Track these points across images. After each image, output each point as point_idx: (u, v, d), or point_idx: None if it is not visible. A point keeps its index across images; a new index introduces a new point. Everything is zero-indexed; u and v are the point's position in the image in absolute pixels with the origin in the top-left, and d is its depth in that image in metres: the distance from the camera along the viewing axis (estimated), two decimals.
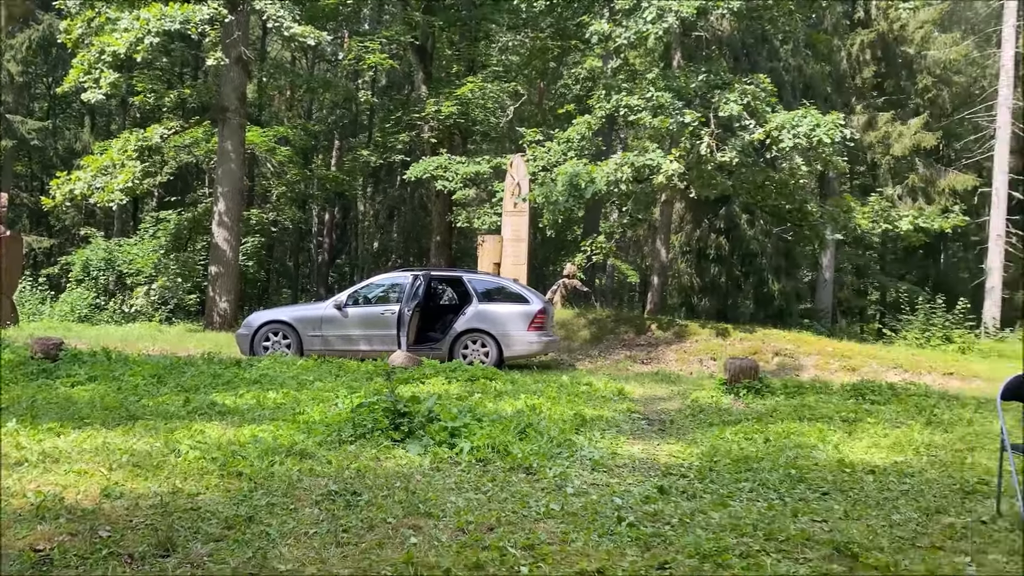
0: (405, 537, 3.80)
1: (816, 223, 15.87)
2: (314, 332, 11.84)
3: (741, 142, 13.88)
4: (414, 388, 8.48)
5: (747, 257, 21.67)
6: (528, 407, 7.54)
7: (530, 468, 5.27)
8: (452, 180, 19.33)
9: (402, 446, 5.60)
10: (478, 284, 12.32)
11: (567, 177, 14.00)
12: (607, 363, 13.59)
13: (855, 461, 5.80)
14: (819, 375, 12.26)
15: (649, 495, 4.70)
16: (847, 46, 22.90)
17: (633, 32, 14.03)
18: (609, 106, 14.60)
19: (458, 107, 19.89)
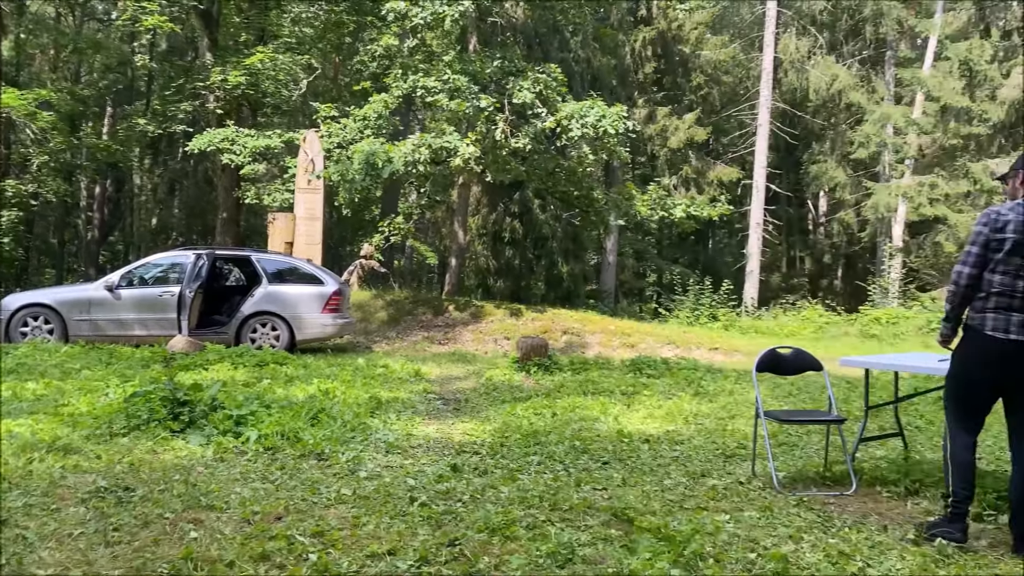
0: (184, 532, 3.59)
1: (601, 209, 16.75)
2: (81, 316, 10.84)
3: (534, 129, 14.32)
4: (196, 375, 8.02)
5: (539, 240, 22.46)
6: (321, 392, 7.37)
7: (322, 454, 5.17)
8: (240, 154, 18.34)
9: (182, 437, 5.28)
10: (268, 264, 11.84)
11: (364, 155, 13.78)
12: (405, 344, 13.58)
13: (632, 431, 6.21)
14: (602, 352, 12.99)
15: (442, 474, 4.76)
16: (631, 42, 24.25)
17: (430, 12, 14.01)
18: (406, 86, 14.52)
19: (247, 77, 18.88)
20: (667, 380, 9.10)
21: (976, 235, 3.77)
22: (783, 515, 4.19)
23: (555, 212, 22.21)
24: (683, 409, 7.20)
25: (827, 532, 3.94)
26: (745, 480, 4.92)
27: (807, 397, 8.19)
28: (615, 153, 15.20)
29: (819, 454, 5.50)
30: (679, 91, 25.59)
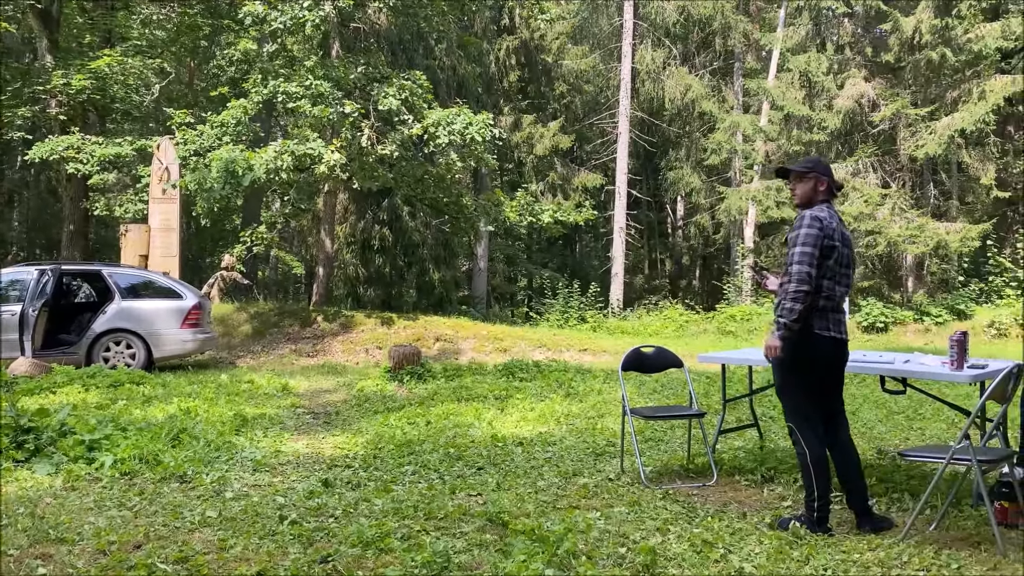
0: (32, 569, 3.34)
1: (471, 215, 16.86)
2: None
3: (400, 136, 14.24)
4: (42, 399, 7.50)
5: (409, 248, 22.33)
6: (182, 411, 7.04)
7: (184, 476, 4.94)
8: (87, 163, 17.25)
9: (27, 467, 4.92)
10: (121, 279, 11.20)
11: (223, 163, 13.27)
12: (271, 358, 13.17)
13: (506, 435, 6.29)
14: (476, 357, 13.07)
15: (313, 490, 4.66)
16: (495, 50, 24.54)
17: (289, 17, 13.69)
18: (266, 91, 14.10)
19: (93, 81, 17.79)
20: (539, 383, 9.25)
21: (815, 238, 3.90)
22: (651, 508, 4.35)
23: (425, 219, 22.17)
24: (555, 410, 7.35)
25: (692, 522, 4.12)
26: (615, 477, 5.08)
27: (670, 393, 8.54)
28: (483, 160, 15.34)
29: (682, 448, 5.75)
30: (543, 99, 26.12)
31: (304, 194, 17.66)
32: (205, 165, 13.70)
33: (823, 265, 3.93)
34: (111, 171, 18.28)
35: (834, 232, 3.96)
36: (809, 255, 3.89)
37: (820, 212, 3.99)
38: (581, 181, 24.95)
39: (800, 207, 4.14)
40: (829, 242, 3.93)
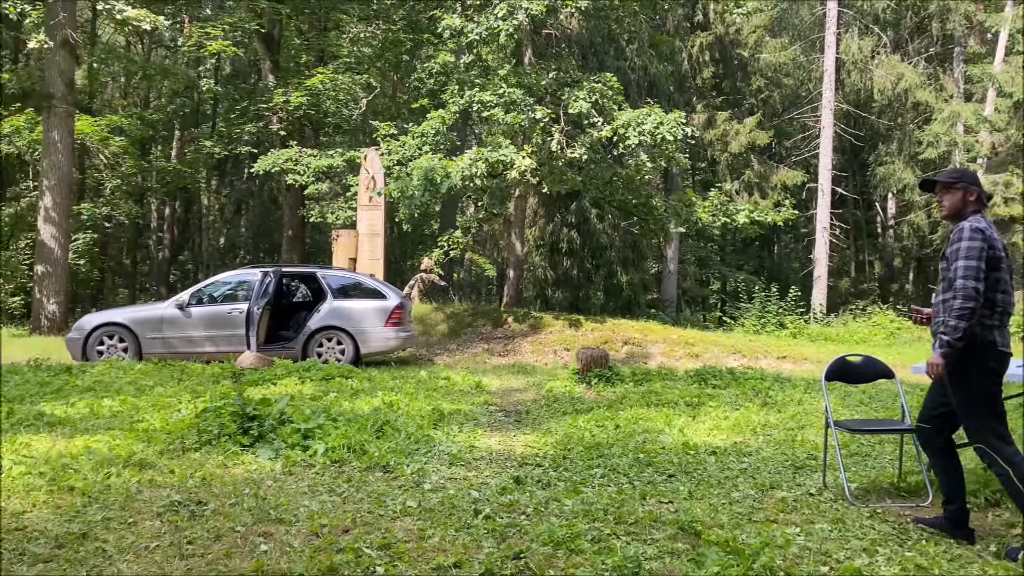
0: (255, 545, 3.66)
1: (661, 217, 16.60)
2: (154, 334, 11.19)
3: (590, 139, 14.29)
4: (264, 390, 8.20)
5: (597, 250, 22.35)
6: (385, 404, 7.45)
7: (387, 466, 5.21)
8: (304, 174, 18.78)
9: (251, 451, 5.40)
10: (332, 280, 12.05)
11: (422, 171, 13.95)
12: (465, 357, 13.65)
13: (698, 443, 6.11)
14: (665, 362, 12.84)
15: (505, 486, 4.76)
16: (688, 47, 24.04)
17: (484, 28, 14.14)
18: (462, 101, 14.65)
19: (308, 98, 19.34)
20: (733, 390, 8.93)
21: (979, 250, 3.70)
22: (856, 527, 4.07)
23: (613, 221, 22.09)
24: (750, 420, 7.06)
25: (903, 545, 3.80)
26: (816, 492, 4.79)
27: (879, 406, 7.95)
28: (674, 160, 15.06)
29: (892, 464, 5.33)
30: (739, 95, 25.25)
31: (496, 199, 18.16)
32: (407, 174, 14.45)
33: (991, 277, 3.72)
34: (324, 181, 19.76)
35: (996, 242, 3.73)
36: (975, 268, 3.68)
37: (978, 223, 3.77)
38: (780, 179, 23.88)
39: (950, 219, 3.94)
40: (994, 253, 3.71)
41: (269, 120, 21.52)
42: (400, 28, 20.89)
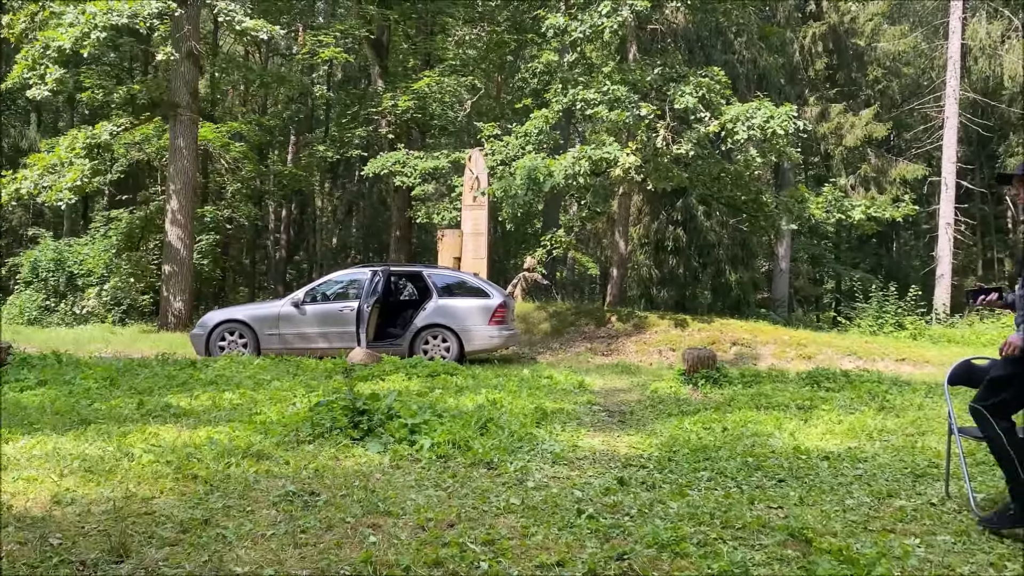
0: (364, 536, 3.77)
1: (771, 213, 16.11)
2: (271, 331, 11.70)
3: (696, 134, 14.03)
4: (373, 385, 8.43)
5: (704, 248, 21.91)
6: (489, 402, 7.53)
7: (491, 463, 5.27)
8: (411, 175, 19.22)
9: (361, 444, 5.56)
10: (438, 279, 12.28)
11: (526, 171, 14.03)
12: (568, 355, 13.65)
13: (810, 448, 5.90)
14: (776, 364, 12.46)
15: (609, 487, 4.73)
16: (799, 38, 23.24)
17: (588, 26, 14.09)
18: (566, 100, 14.65)
19: (415, 101, 19.78)
20: (848, 393, 8.58)
21: None
22: (982, 541, 3.83)
23: (721, 218, 21.61)
24: (866, 425, 6.76)
25: None
26: (937, 502, 4.54)
27: None
28: (785, 154, 14.60)
29: None
30: (854, 86, 24.22)
31: (600, 197, 18.07)
32: (510, 173, 14.57)
33: None
34: (430, 182, 20.17)
35: None
36: None
37: None
38: (899, 172, 22.78)
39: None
40: None
41: (378, 124, 22.12)
42: (504, 29, 21.08)
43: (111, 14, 14.53)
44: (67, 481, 4.44)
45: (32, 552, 3.39)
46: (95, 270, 20.44)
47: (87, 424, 6.07)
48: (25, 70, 15.22)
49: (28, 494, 4.17)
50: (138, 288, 20.70)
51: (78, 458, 4.93)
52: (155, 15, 15.01)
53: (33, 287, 20.35)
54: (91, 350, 12.16)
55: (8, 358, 8.74)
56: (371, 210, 32.12)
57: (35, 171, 16.30)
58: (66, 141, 16.96)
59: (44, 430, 5.78)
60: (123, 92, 22.08)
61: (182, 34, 16.78)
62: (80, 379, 8.27)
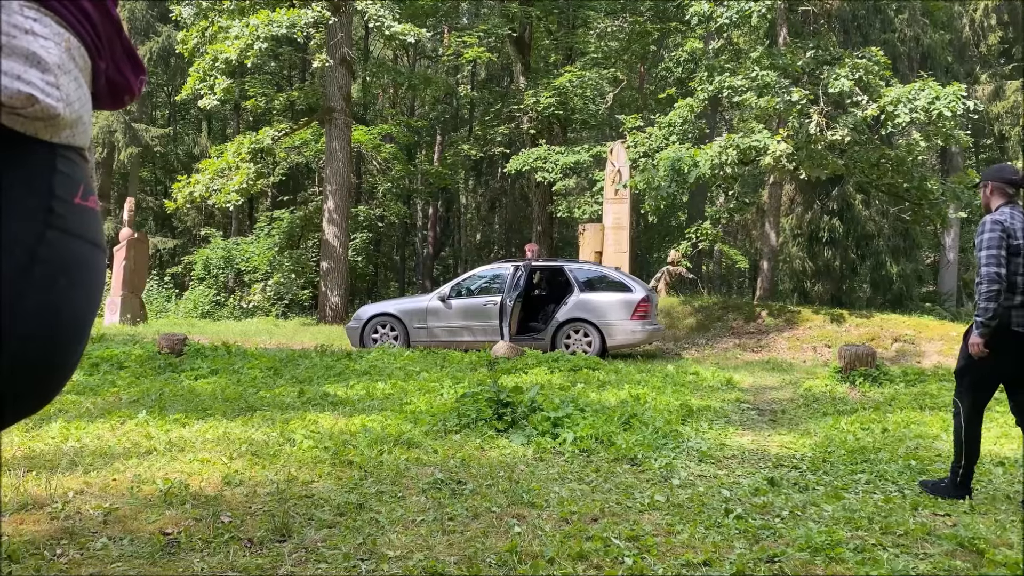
0: (509, 526, 3.83)
1: (937, 201, 15.03)
2: (420, 324, 12.09)
3: (853, 119, 13.29)
4: (517, 378, 8.54)
5: (862, 239, 20.74)
6: (632, 397, 7.47)
7: (635, 459, 5.22)
8: (552, 171, 19.32)
9: (505, 436, 5.65)
10: (579, 273, 12.28)
11: (669, 162, 13.77)
12: (714, 352, 13.30)
13: (983, 452, 5.47)
14: (943, 361, 11.63)
15: (759, 487, 4.57)
16: (969, 12, 21.53)
17: (735, 11, 13.64)
18: (712, 88, 14.26)
19: (556, 98, 19.86)
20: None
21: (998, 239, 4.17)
22: None
23: (881, 207, 20.38)
24: None
25: None
26: None
27: None
28: (952, 138, 13.57)
29: None
30: None
31: (748, 187, 17.50)
32: (653, 165, 14.35)
33: (1012, 263, 4.16)
34: (571, 177, 20.19)
35: (1017, 231, 4.17)
36: (995, 256, 4.15)
37: (1000, 215, 4.24)
38: None
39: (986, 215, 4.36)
40: (1014, 241, 4.17)
41: (520, 121, 22.38)
42: (647, 19, 20.78)
43: (272, 25, 15.47)
44: (236, 464, 4.77)
45: (206, 528, 3.66)
46: (260, 267, 21.88)
47: (253, 411, 6.50)
48: (197, 82, 16.47)
49: (202, 474, 4.51)
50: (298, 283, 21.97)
51: (245, 442, 5.29)
52: (311, 24, 15.85)
53: (205, 283, 22.03)
54: (256, 341, 13.01)
55: (184, 349, 9.50)
56: (513, 206, 32.58)
57: (206, 175, 17.61)
58: (233, 147, 18.22)
59: (216, 416, 6.24)
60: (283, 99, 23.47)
61: (336, 41, 17.62)
62: (247, 369, 8.87)
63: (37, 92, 0.77)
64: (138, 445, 5.06)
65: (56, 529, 3.47)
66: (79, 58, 0.85)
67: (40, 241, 0.77)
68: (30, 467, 4.33)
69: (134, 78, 0.98)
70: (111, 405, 6.44)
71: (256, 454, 4.99)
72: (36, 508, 3.69)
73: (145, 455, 4.84)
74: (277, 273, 21.67)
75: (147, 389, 7.34)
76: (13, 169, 0.76)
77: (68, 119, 0.81)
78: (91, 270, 0.85)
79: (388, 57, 31.98)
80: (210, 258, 22.30)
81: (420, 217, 32.82)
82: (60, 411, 6.01)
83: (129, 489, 4.06)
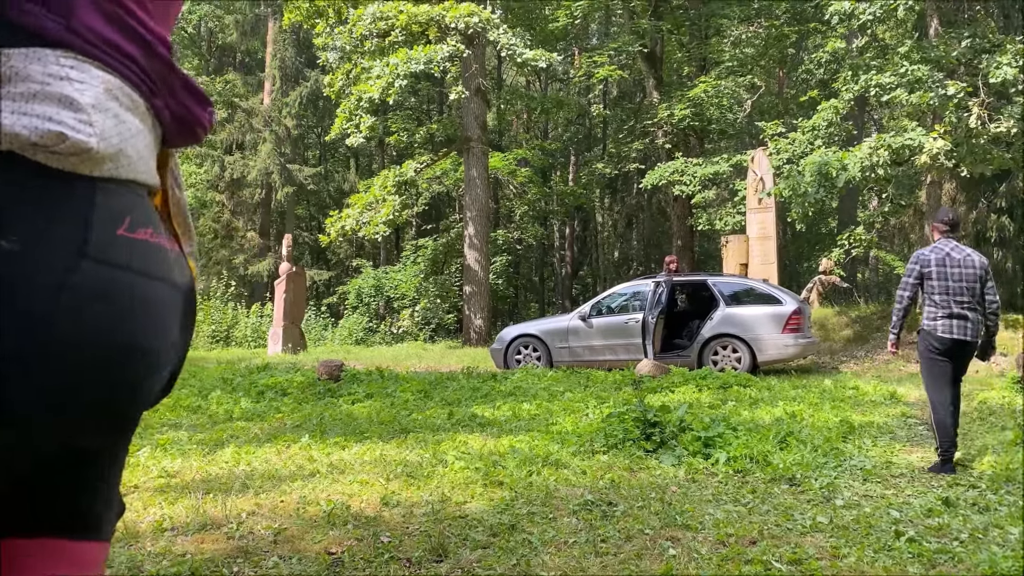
0: (663, 549, 3.75)
1: None
2: (562, 344, 12.13)
3: (1020, 109, 12.29)
4: (663, 397, 8.40)
5: None
6: (787, 414, 7.17)
7: (793, 479, 5.00)
8: (690, 183, 18.97)
9: (654, 456, 5.56)
10: (724, 287, 11.95)
11: (815, 167, 13.21)
12: (875, 364, 12.57)
13: None
14: None
15: (932, 507, 4.27)
16: None
17: (879, 5, 12.96)
18: (857, 88, 13.58)
19: (691, 109, 19.53)
20: None
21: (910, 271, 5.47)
22: None
23: None
24: None
25: None
26: None
27: None
28: None
29: None
30: None
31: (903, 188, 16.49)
32: (798, 171, 13.80)
33: (926, 286, 5.39)
34: (710, 188, 19.75)
35: (929, 262, 5.36)
36: (904, 283, 5.49)
37: (922, 250, 5.47)
38: None
39: None
40: (925, 269, 5.36)
41: (655, 135, 22.15)
42: (783, 22, 20.11)
43: (410, 63, 16.11)
44: (392, 485, 4.94)
45: (367, 548, 3.81)
46: (407, 293, 22.70)
47: (407, 433, 6.73)
48: (344, 122, 17.37)
49: (362, 495, 4.70)
50: (444, 308, 22.61)
51: (400, 464, 5.47)
52: (447, 58, 16.38)
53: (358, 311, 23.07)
54: (407, 365, 13.47)
55: (341, 375, 9.96)
56: (651, 221, 32.19)
57: (356, 209, 18.48)
58: (379, 181, 19.05)
59: (372, 438, 6.49)
60: (423, 132, 24.38)
61: (470, 73, 18.13)
62: (399, 392, 9.19)
63: (67, 130, 0.81)
64: (302, 468, 5.34)
65: (232, 548, 3.71)
66: (123, 97, 0.89)
67: (72, 270, 0.80)
68: (207, 489, 4.65)
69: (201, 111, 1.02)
70: (276, 430, 6.84)
71: (411, 475, 5.15)
72: (214, 528, 3.97)
73: (309, 477, 5.10)
74: (424, 299, 22.39)
75: (309, 414, 7.74)
76: (53, 202, 0.81)
77: (105, 153, 0.84)
78: (138, 299, 0.87)
79: (521, 83, 32.55)
80: (362, 287, 23.35)
81: (557, 238, 33.02)
82: (232, 437, 6.45)
83: (296, 510, 4.29)
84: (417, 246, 24.72)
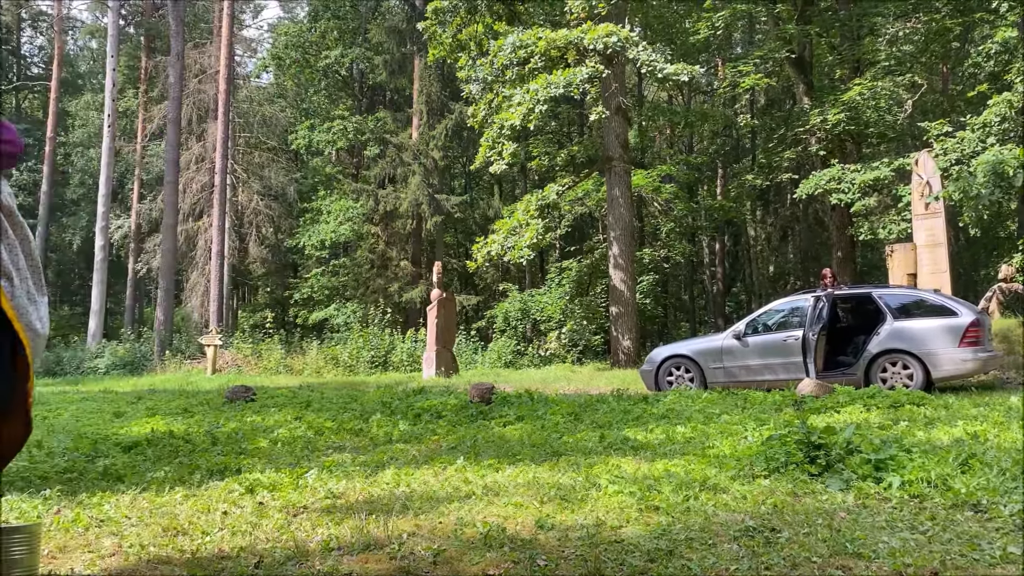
0: None
1: None
2: (715, 364, 11.77)
3: None
4: (827, 418, 7.96)
5: None
6: (969, 435, 6.61)
7: (978, 504, 4.58)
8: (848, 191, 18.03)
9: (820, 480, 5.25)
10: (891, 299, 11.21)
11: (989, 166, 12.23)
12: None
13: None
14: None
15: None
16: None
17: None
18: None
19: (846, 112, 18.59)
20: None
21: None
22: None
23: None
24: None
25: None
26: None
27: None
28: None
29: None
30: None
31: None
32: (969, 172, 12.83)
33: None
34: (871, 195, 18.69)
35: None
36: None
37: None
38: None
39: None
40: None
41: (807, 142, 21.25)
42: (945, 14, 18.83)
43: (550, 88, 16.30)
44: (546, 508, 4.93)
45: (523, 571, 3.81)
46: (554, 316, 22.81)
47: (559, 455, 6.71)
48: (487, 150, 17.78)
49: (516, 518, 4.72)
50: (590, 329, 22.53)
51: (553, 487, 5.45)
52: (586, 80, 16.45)
53: (506, 335, 23.40)
54: (556, 388, 13.48)
55: (492, 397, 10.11)
56: (807, 233, 30.81)
57: (500, 235, 18.82)
58: (522, 206, 19.33)
59: (524, 460, 6.52)
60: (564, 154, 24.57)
61: (610, 92, 18.12)
62: (550, 415, 9.21)
63: None
64: (458, 489, 5.44)
65: (394, 568, 3.81)
66: None
67: None
68: (370, 510, 4.82)
69: None
70: (433, 452, 7.01)
71: (564, 498, 5.12)
72: (377, 548, 4.10)
73: (465, 499, 5.18)
74: (570, 321, 22.42)
75: (463, 436, 7.89)
76: None
77: None
78: None
79: (663, 99, 32.17)
80: (509, 311, 23.70)
81: (707, 254, 32.22)
82: (392, 459, 6.67)
83: (453, 531, 4.36)
84: (561, 268, 24.83)
